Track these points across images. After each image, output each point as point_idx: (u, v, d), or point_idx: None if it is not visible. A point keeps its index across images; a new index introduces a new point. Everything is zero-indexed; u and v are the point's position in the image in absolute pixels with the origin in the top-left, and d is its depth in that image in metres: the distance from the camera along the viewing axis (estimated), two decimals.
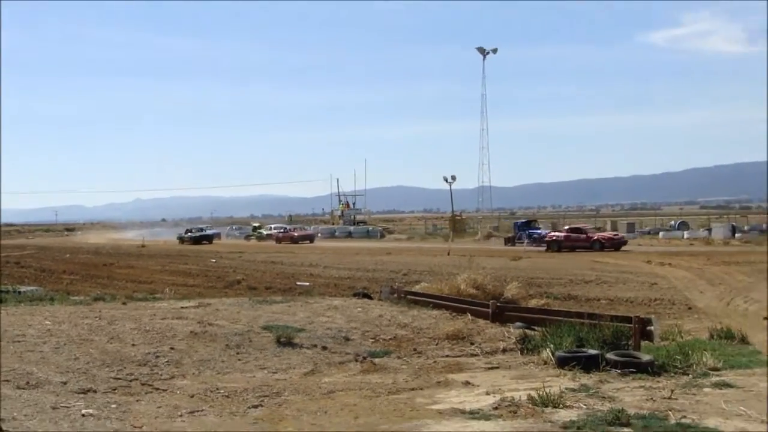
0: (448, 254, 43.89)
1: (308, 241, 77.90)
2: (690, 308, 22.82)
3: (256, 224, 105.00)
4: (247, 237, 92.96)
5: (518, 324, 16.54)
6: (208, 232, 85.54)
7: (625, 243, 54.25)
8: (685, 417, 8.66)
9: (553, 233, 57.59)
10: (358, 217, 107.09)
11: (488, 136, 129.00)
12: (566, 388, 10.22)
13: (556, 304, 22.67)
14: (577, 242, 53.28)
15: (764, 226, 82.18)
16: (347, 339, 14.98)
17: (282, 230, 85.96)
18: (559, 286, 28.75)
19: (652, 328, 14.00)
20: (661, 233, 64.74)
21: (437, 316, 17.69)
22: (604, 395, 9.97)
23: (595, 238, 53.88)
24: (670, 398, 9.73)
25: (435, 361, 13.52)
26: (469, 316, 17.49)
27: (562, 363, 12.13)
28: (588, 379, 11.14)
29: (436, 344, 15.09)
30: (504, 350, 14.40)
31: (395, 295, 20.78)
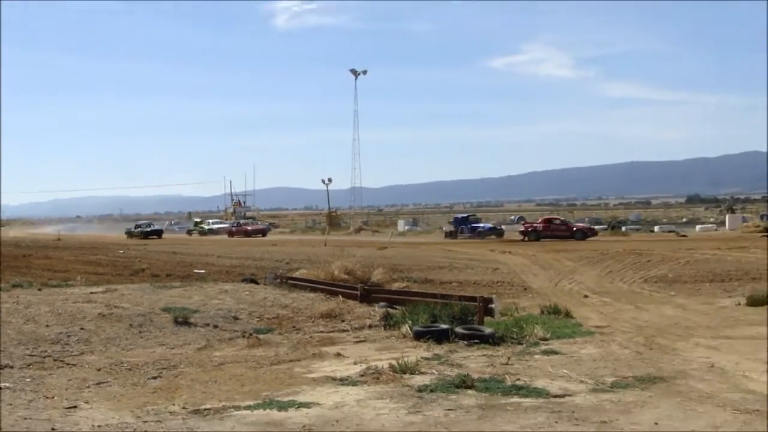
0: (325, 245, 43.76)
1: (261, 235, 70.52)
2: (525, 289, 23.29)
3: (198, 219, 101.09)
4: (189, 232, 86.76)
5: (382, 304, 16.64)
6: (156, 227, 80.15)
7: (595, 234, 52.04)
8: (519, 379, 8.92)
9: (528, 223, 54.59)
10: (248, 214, 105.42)
11: (359, 144, 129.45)
12: (421, 358, 10.37)
13: (415, 286, 22.81)
14: (556, 232, 50.33)
15: (586, 220, 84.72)
16: (236, 318, 14.86)
17: (236, 224, 78.51)
18: (418, 271, 28.93)
19: (493, 305, 14.28)
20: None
21: (314, 298, 17.65)
22: (453, 363, 10.17)
23: (576, 228, 52.08)
24: (507, 364, 9.99)
25: (311, 337, 13.53)
26: (341, 298, 17.49)
27: (419, 336, 12.30)
28: (440, 350, 11.33)
29: (313, 322, 15.09)
30: (370, 326, 14.48)
31: (278, 281, 20.64)
